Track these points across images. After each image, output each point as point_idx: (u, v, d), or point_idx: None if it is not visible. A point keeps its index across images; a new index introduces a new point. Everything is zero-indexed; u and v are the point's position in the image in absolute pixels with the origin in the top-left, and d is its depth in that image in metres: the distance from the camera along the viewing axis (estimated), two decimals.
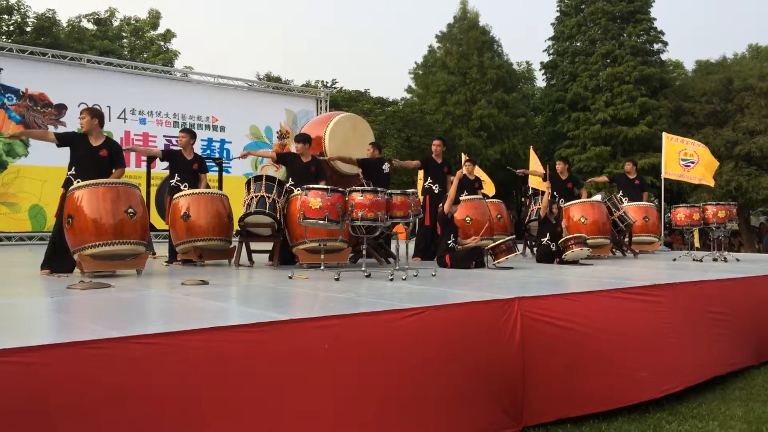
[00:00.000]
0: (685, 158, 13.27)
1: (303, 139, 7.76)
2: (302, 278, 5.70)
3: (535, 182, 11.98)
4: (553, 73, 28.97)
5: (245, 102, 16.26)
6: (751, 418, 4.16)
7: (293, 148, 8.01)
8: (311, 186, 6.03)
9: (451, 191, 7.59)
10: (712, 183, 13.71)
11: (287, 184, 7.39)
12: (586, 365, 4.12)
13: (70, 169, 6.32)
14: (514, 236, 8.22)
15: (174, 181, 7.77)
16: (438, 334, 3.57)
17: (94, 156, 6.28)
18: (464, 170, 10.04)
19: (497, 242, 7.38)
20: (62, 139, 6.38)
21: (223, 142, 15.68)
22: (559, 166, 10.22)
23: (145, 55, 25.80)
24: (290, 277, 5.72)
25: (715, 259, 8.64)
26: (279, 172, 12.23)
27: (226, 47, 65.79)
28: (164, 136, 14.73)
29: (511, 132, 26.63)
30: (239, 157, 8.72)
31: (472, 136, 25.73)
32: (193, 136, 8.11)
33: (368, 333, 3.34)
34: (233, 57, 65.79)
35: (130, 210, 5.90)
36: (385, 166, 8.28)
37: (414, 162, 9.36)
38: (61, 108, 13.48)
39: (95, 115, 6.41)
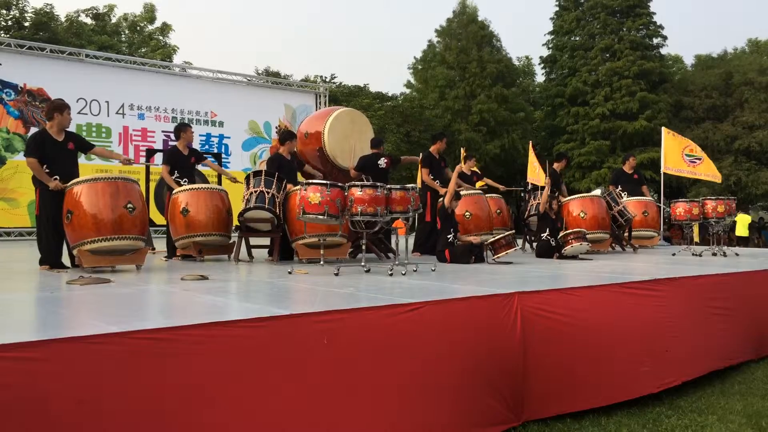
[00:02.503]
0: (690, 154, 13.26)
1: (290, 136, 7.86)
2: (302, 273, 5.70)
3: (533, 177, 11.99)
4: (552, 67, 28.98)
5: (244, 97, 16.23)
6: (750, 412, 4.17)
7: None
8: (311, 181, 6.02)
9: (451, 186, 7.58)
10: (719, 179, 13.70)
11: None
12: (586, 360, 4.13)
13: (41, 165, 6.16)
14: (513, 231, 8.21)
15: (173, 177, 7.77)
16: (438, 329, 3.57)
17: (63, 151, 6.26)
18: (463, 167, 10.04)
19: (497, 237, 7.37)
20: (39, 152, 6.12)
21: (221, 137, 15.65)
22: (564, 164, 10.46)
23: (143, 50, 25.74)
24: (290, 272, 5.72)
25: (714, 254, 8.64)
26: None
27: (225, 42, 65.74)
28: (163, 131, 14.70)
29: (510, 126, 26.63)
30: None
31: (471, 130, 25.74)
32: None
33: (368, 328, 3.33)
34: (232, 52, 65.74)
35: (129, 205, 5.89)
36: (381, 161, 8.26)
37: (425, 170, 9.14)
38: None
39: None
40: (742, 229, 18.24)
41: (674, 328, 4.72)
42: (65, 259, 6.30)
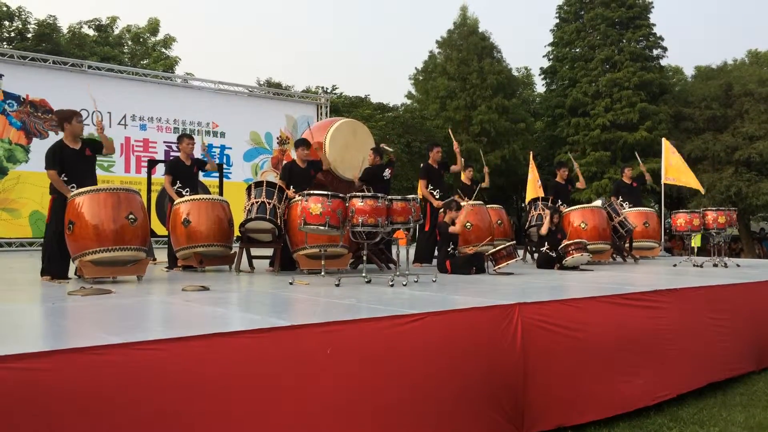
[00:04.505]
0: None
1: (302, 143, 7.80)
2: (303, 284, 5.70)
3: (533, 193, 12.01)
4: (552, 78, 29.05)
5: (245, 108, 16.28)
6: (752, 424, 4.16)
7: (293, 153, 8.04)
8: (312, 192, 6.03)
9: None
10: (692, 185, 13.97)
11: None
12: (586, 372, 4.12)
13: (60, 176, 6.23)
14: (514, 242, 8.22)
15: (175, 187, 7.80)
16: (439, 340, 3.57)
17: (80, 158, 6.31)
18: (463, 177, 10.05)
19: (497, 248, 7.38)
20: (57, 164, 6.23)
21: (223, 147, 15.69)
22: (565, 173, 10.41)
23: (145, 62, 25.84)
24: (291, 283, 5.72)
25: (715, 265, 8.64)
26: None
27: (227, 53, 65.96)
28: (164, 142, 14.74)
29: (511, 137, 26.68)
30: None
31: (472, 141, 25.77)
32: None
33: (369, 339, 3.34)
34: (234, 63, 65.96)
35: (130, 216, 5.91)
36: (386, 173, 8.29)
37: (423, 182, 9.16)
38: None
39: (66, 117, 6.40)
40: (696, 240, 18.80)
41: (673, 339, 4.72)
42: None
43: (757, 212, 27.16)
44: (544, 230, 8.30)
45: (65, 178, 6.23)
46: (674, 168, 13.50)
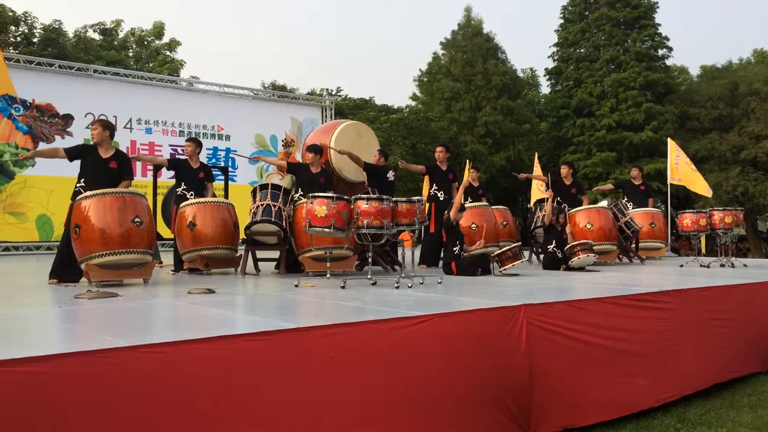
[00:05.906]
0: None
1: (314, 149, 7.75)
2: (308, 286, 5.70)
3: (537, 193, 11.97)
4: (557, 79, 28.98)
5: (250, 111, 16.32)
6: (759, 425, 4.14)
7: (298, 156, 8.04)
8: (317, 194, 6.04)
9: (457, 198, 7.60)
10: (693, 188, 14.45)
11: (296, 195, 7.38)
12: (592, 373, 4.12)
13: (79, 181, 6.36)
14: (519, 243, 8.21)
15: (180, 189, 7.82)
16: (444, 342, 3.57)
17: (103, 168, 6.34)
18: (467, 176, 10.03)
19: (503, 249, 7.37)
20: (72, 155, 6.45)
21: (228, 150, 15.72)
22: (564, 170, 10.21)
23: (151, 65, 25.92)
24: (296, 285, 5.73)
25: (722, 265, 8.61)
26: (285, 181, 12.24)
27: (232, 56, 66.16)
28: (170, 145, 14.79)
29: (516, 138, 26.64)
30: (249, 159, 8.78)
31: (477, 142, 25.76)
32: (199, 145, 8.15)
33: (374, 341, 3.34)
34: (238, 66, 66.13)
35: (136, 219, 5.93)
36: (390, 174, 8.29)
37: (419, 167, 9.33)
38: (68, 118, 13.55)
39: (107, 126, 6.50)
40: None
41: (679, 340, 4.70)
42: None
43: (764, 212, 27.04)
44: (547, 219, 8.27)
45: (83, 183, 6.28)
46: (683, 174, 13.66)
